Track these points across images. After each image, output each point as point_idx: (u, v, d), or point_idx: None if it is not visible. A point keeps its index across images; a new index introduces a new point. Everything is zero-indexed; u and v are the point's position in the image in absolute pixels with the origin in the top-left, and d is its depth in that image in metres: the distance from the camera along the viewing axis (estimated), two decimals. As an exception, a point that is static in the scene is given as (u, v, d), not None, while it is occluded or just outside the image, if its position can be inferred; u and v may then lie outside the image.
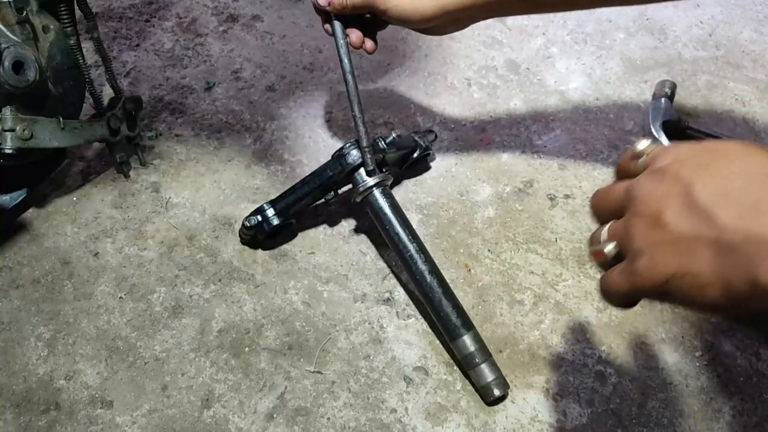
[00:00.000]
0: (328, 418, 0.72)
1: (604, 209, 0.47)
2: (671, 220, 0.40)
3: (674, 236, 0.40)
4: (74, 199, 0.88)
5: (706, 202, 0.39)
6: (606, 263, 0.46)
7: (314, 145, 0.99)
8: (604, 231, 0.46)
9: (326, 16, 0.75)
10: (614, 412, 0.74)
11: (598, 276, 0.83)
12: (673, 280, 0.40)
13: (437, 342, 0.79)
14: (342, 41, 0.74)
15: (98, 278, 0.81)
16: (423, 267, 0.76)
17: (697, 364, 0.77)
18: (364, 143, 0.77)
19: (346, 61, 0.75)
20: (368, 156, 0.78)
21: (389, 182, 0.82)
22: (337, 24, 0.74)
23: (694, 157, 0.42)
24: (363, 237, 0.88)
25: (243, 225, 0.82)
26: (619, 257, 0.45)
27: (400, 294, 0.83)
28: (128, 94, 0.87)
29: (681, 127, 1.02)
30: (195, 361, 0.75)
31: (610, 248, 0.45)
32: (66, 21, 0.79)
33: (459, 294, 0.77)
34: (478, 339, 0.74)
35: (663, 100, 1.04)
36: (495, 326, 0.81)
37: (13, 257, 0.82)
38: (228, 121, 1.00)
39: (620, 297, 0.45)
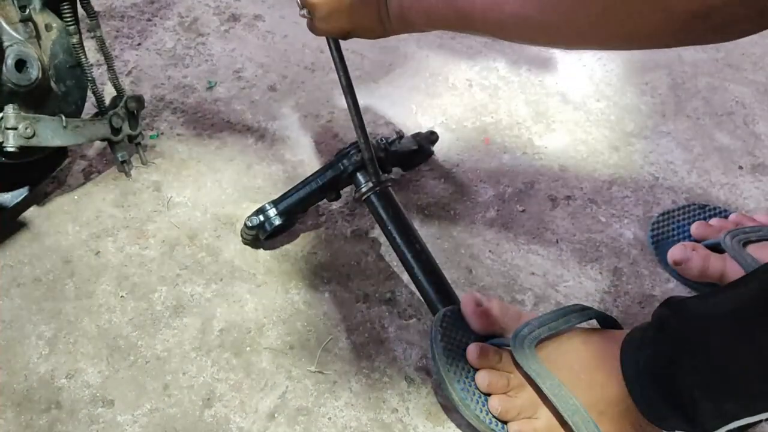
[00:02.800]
0: (330, 418, 0.72)
1: None
2: None
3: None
4: (76, 197, 0.88)
5: None
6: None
7: (316, 145, 0.99)
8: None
9: None
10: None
11: (600, 277, 0.84)
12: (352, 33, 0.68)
13: (438, 342, 0.79)
14: (336, 55, 0.76)
15: (99, 277, 0.81)
16: (424, 267, 0.77)
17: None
18: (366, 155, 0.77)
19: (343, 78, 0.75)
20: (370, 166, 0.78)
21: (390, 183, 0.82)
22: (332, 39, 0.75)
23: None
24: (364, 237, 0.88)
25: (245, 225, 0.82)
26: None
27: (402, 294, 0.83)
28: (130, 93, 0.87)
29: None
30: (196, 360, 0.75)
31: (303, 12, 0.69)
32: (69, 19, 0.79)
33: (460, 294, 0.77)
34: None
35: None
36: (496, 327, 0.81)
37: (14, 256, 0.82)
38: (229, 120, 1.00)
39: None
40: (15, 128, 0.72)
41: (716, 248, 0.83)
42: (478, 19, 0.52)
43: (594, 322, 0.75)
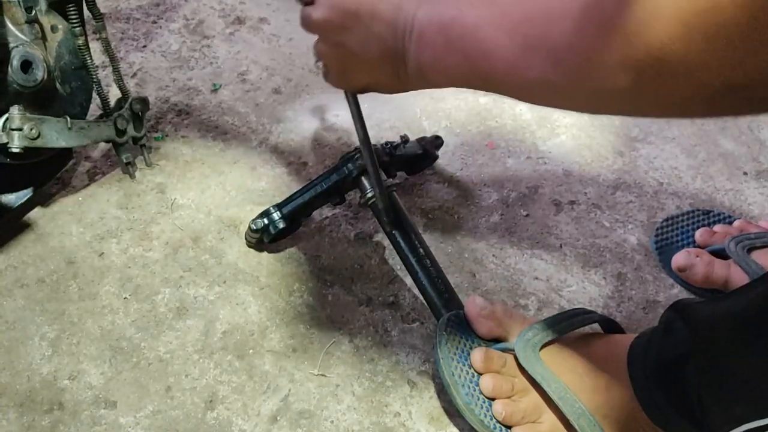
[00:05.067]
0: (332, 421, 0.71)
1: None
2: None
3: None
4: (80, 199, 0.88)
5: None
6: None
7: (320, 148, 0.99)
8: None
9: None
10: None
11: (604, 282, 0.84)
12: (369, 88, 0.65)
13: (441, 346, 0.79)
14: (354, 108, 0.72)
15: (103, 278, 0.81)
16: (428, 271, 0.76)
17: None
18: (371, 168, 0.76)
19: (361, 132, 0.72)
20: (376, 183, 0.77)
21: (395, 188, 0.82)
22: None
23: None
24: (368, 241, 0.88)
25: (249, 228, 0.82)
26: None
27: (405, 298, 0.83)
28: (135, 95, 0.87)
29: None
30: (199, 362, 0.75)
31: (319, 64, 0.68)
32: (74, 21, 0.79)
33: (464, 299, 0.77)
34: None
35: None
36: (499, 331, 0.81)
37: (18, 256, 0.82)
38: (234, 123, 1.01)
39: (301, 22, 0.64)
40: (20, 129, 0.72)
41: (721, 254, 0.83)
42: (500, 81, 0.50)
43: (597, 327, 0.75)
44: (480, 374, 0.68)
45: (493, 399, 0.67)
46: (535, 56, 0.44)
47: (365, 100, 0.77)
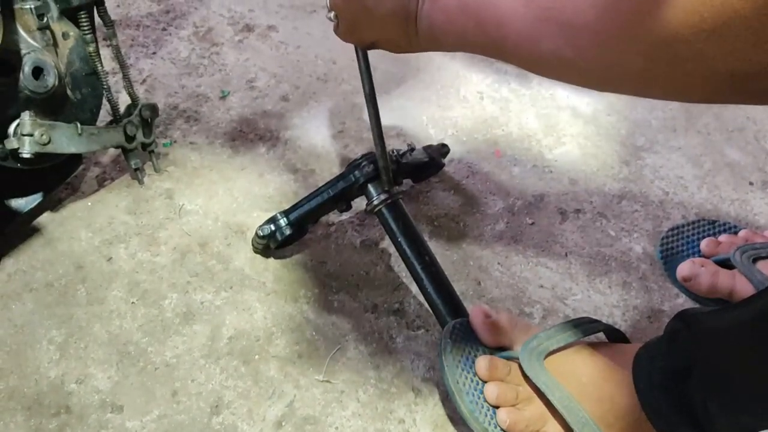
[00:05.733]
0: (336, 428, 0.72)
1: None
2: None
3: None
4: (89, 204, 0.89)
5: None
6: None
7: (327, 155, 0.99)
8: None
9: None
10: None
11: (609, 291, 0.84)
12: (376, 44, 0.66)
13: (446, 354, 0.79)
14: (363, 64, 0.74)
15: (111, 283, 0.82)
16: (433, 279, 0.77)
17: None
18: (382, 163, 0.77)
19: (367, 86, 0.74)
20: (385, 176, 0.78)
21: (401, 195, 0.82)
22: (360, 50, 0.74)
23: None
24: (374, 248, 0.89)
25: (256, 234, 0.83)
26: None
27: (411, 305, 0.83)
28: (144, 102, 0.88)
29: None
30: (205, 367, 0.75)
31: (330, 15, 0.66)
32: (86, 28, 0.80)
33: (469, 306, 0.77)
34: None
35: None
36: (504, 339, 0.81)
37: (27, 261, 0.83)
38: (242, 129, 1.01)
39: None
40: (31, 135, 0.73)
41: (726, 264, 0.83)
42: (511, 50, 0.50)
43: (602, 336, 0.75)
44: (484, 382, 0.68)
45: (497, 407, 0.67)
46: (548, 29, 0.45)
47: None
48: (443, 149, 0.96)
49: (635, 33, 0.38)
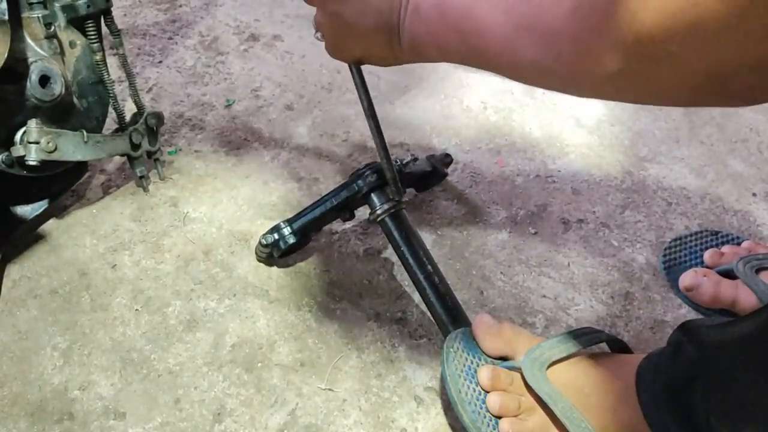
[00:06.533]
0: (339, 436, 0.72)
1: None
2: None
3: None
4: (94, 211, 0.90)
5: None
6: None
7: (331, 164, 1.00)
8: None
9: None
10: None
11: (611, 301, 0.84)
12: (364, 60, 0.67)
13: (449, 363, 0.79)
14: (358, 79, 0.74)
15: (115, 290, 0.82)
16: (436, 288, 0.77)
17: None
18: (389, 175, 0.78)
19: (365, 101, 0.74)
20: (393, 186, 0.78)
21: (404, 205, 0.82)
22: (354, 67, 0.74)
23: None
24: (377, 256, 0.89)
25: (259, 242, 0.83)
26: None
27: (413, 314, 0.83)
28: (150, 110, 0.89)
29: None
30: (208, 375, 0.76)
31: (318, 35, 0.70)
32: (92, 37, 0.80)
33: (471, 316, 0.77)
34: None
35: None
36: (506, 349, 0.81)
37: (32, 267, 0.83)
38: (246, 138, 1.02)
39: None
40: (37, 142, 0.74)
41: (729, 274, 0.83)
42: (492, 60, 0.51)
43: (604, 346, 0.75)
44: (487, 392, 0.68)
45: (499, 417, 0.67)
46: (528, 37, 0.46)
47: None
48: (446, 159, 0.97)
49: (610, 35, 0.39)
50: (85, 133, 0.79)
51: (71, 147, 0.78)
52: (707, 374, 0.58)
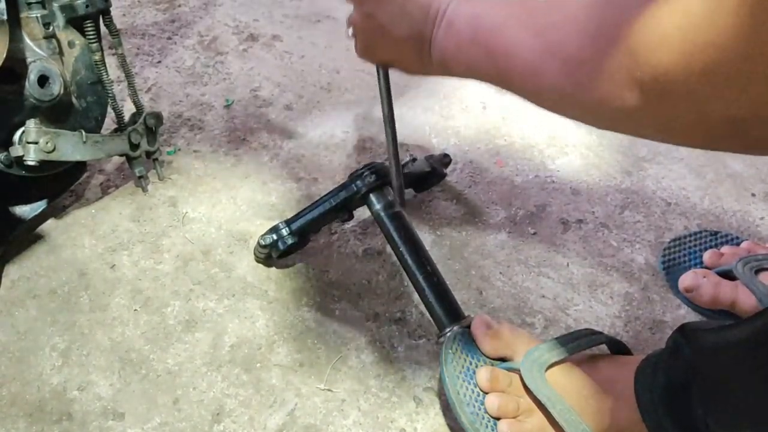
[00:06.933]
0: (338, 437, 0.72)
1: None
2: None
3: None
4: (93, 211, 0.90)
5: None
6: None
7: (330, 164, 1.00)
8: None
9: None
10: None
11: (611, 302, 0.84)
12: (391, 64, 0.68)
13: (448, 363, 0.79)
14: (384, 83, 0.73)
15: (114, 290, 0.82)
16: (435, 289, 0.77)
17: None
18: (396, 183, 0.78)
19: (386, 106, 0.74)
20: (398, 197, 0.78)
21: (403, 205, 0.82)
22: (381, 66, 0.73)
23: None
24: (376, 257, 0.89)
25: (258, 243, 0.83)
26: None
27: (412, 314, 0.83)
28: (149, 110, 0.89)
29: None
30: (207, 375, 0.75)
31: (349, 32, 0.69)
32: (91, 37, 0.80)
33: (470, 316, 0.77)
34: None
35: None
36: (505, 349, 0.81)
37: (30, 267, 0.83)
38: (245, 138, 1.02)
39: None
40: (36, 142, 0.74)
41: (728, 275, 0.83)
42: (517, 83, 0.51)
43: (604, 348, 0.75)
44: (485, 393, 0.68)
45: (498, 418, 0.67)
46: (552, 62, 0.46)
47: (374, 118, 0.78)
48: (445, 159, 0.97)
49: (628, 69, 0.39)
50: (83, 133, 0.79)
51: (70, 147, 0.78)
52: (705, 377, 0.58)
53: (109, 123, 0.89)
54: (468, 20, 0.55)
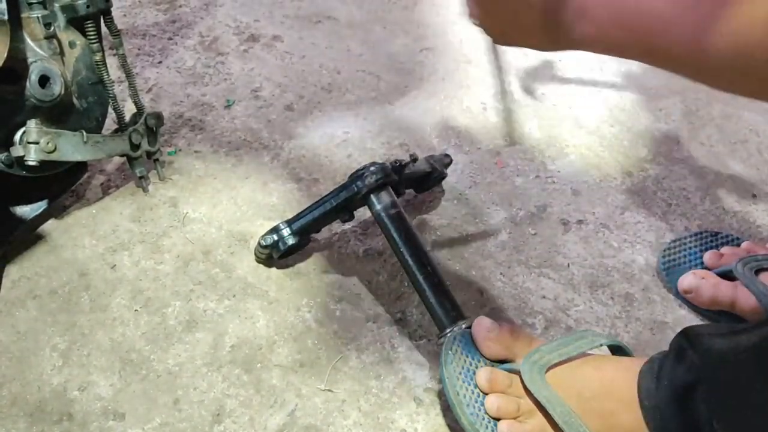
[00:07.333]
0: (338, 437, 0.72)
1: None
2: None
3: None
4: (93, 211, 0.90)
5: None
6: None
7: (330, 164, 1.00)
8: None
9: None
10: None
11: (611, 302, 0.84)
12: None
13: (448, 364, 0.79)
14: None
15: (114, 290, 0.82)
16: (435, 290, 0.77)
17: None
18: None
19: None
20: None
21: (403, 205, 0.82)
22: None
23: None
24: (376, 257, 0.89)
25: (259, 243, 0.83)
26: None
27: (413, 314, 0.83)
28: (150, 110, 0.89)
29: None
30: (207, 375, 0.75)
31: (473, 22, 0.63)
32: (92, 37, 0.80)
33: (471, 316, 0.77)
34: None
35: None
36: (506, 350, 0.81)
37: (31, 268, 0.83)
38: (246, 138, 1.02)
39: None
40: (37, 142, 0.74)
41: (728, 276, 0.83)
42: (674, 59, 0.49)
43: (605, 349, 0.75)
44: (486, 394, 0.68)
45: (498, 419, 0.67)
46: (718, 35, 0.44)
47: (377, 118, 0.78)
48: (446, 159, 0.97)
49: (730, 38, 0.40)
50: (84, 133, 0.79)
51: (71, 147, 0.78)
52: (712, 382, 0.58)
53: (110, 123, 0.89)
54: (604, 3, 0.52)
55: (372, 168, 0.82)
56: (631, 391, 0.64)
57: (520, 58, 1.20)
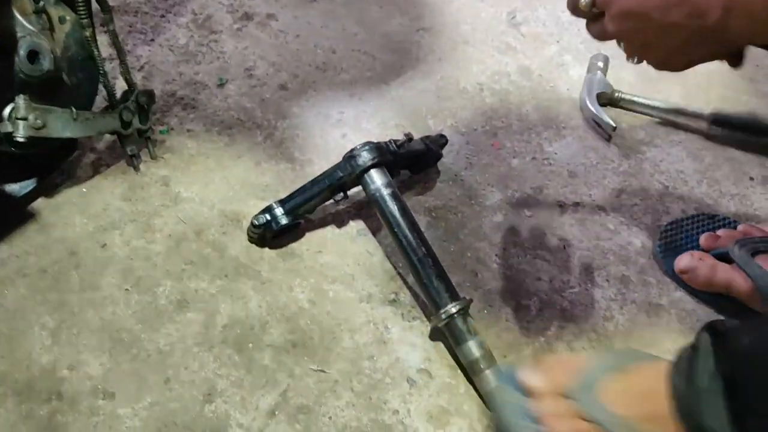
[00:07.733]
0: (330, 417, 0.71)
1: None
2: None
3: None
4: (84, 190, 0.88)
5: None
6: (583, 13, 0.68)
7: (324, 144, 0.99)
8: None
9: None
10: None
11: (607, 285, 0.83)
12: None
13: (441, 345, 0.79)
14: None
15: (105, 270, 0.81)
16: (430, 270, 0.76)
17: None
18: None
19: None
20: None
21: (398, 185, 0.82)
22: None
23: None
24: (370, 238, 0.88)
25: (251, 223, 0.82)
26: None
27: (406, 295, 0.83)
28: (141, 88, 0.88)
29: (614, 98, 1.09)
30: (198, 355, 0.75)
31: (584, 2, 0.66)
32: (82, 13, 0.79)
33: (465, 297, 0.77)
34: (483, 345, 0.73)
35: (597, 73, 1.10)
36: (500, 331, 0.81)
37: (20, 246, 0.82)
38: (239, 118, 1.01)
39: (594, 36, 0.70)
40: (25, 118, 0.73)
41: (725, 258, 0.82)
42: None
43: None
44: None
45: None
46: None
47: (372, 98, 0.77)
48: (441, 140, 0.96)
49: None
50: (74, 110, 0.78)
51: (60, 124, 0.77)
52: (745, 380, 0.55)
53: (101, 101, 0.88)
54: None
55: (366, 147, 0.81)
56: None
57: (518, 39, 1.18)
